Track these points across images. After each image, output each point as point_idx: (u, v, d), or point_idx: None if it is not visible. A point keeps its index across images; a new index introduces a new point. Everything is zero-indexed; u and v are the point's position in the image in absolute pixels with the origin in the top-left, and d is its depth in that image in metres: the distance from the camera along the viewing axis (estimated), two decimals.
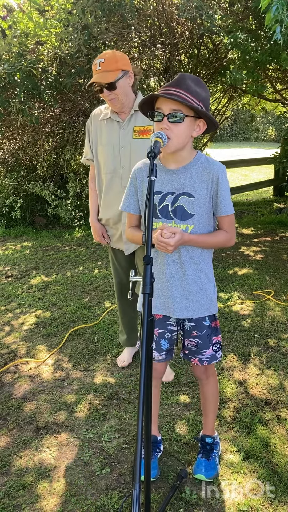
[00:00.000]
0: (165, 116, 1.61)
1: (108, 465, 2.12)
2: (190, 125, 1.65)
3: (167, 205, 1.75)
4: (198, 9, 4.21)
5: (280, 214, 7.45)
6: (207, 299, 1.85)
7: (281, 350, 3.11)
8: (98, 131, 2.55)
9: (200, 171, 1.74)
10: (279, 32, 2.50)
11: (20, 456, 2.20)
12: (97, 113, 2.58)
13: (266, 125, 25.13)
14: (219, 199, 1.74)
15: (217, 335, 1.93)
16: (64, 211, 6.71)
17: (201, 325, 1.87)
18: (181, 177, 1.74)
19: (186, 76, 1.64)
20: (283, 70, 6.24)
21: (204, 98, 1.64)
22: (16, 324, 3.66)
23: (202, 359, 1.93)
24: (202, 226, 1.76)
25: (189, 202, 1.73)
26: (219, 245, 1.85)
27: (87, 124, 2.62)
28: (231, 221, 1.80)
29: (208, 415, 2.11)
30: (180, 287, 1.80)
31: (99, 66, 2.31)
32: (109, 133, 2.50)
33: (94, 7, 4.07)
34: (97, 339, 3.33)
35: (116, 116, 2.48)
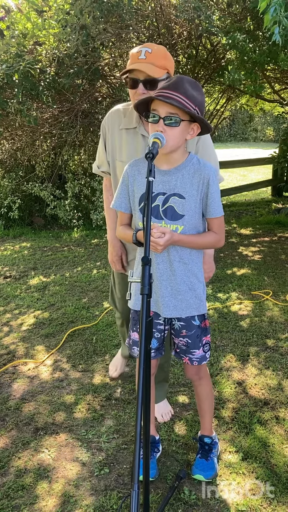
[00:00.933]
0: (161, 119, 1.62)
1: (107, 466, 2.12)
2: (185, 129, 1.67)
3: (158, 205, 1.76)
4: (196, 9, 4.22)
5: (279, 214, 7.46)
6: (196, 299, 1.86)
7: (280, 350, 3.11)
8: (117, 142, 2.08)
9: (191, 172, 1.75)
10: (278, 33, 2.50)
11: (19, 457, 2.20)
12: (117, 116, 2.08)
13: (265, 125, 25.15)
14: (209, 201, 1.76)
15: (206, 335, 1.94)
16: (62, 211, 6.72)
17: (190, 325, 1.88)
18: (173, 178, 1.75)
19: (184, 79, 1.65)
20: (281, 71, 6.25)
21: (200, 102, 1.65)
22: (14, 324, 3.65)
23: (192, 359, 1.94)
24: (192, 227, 1.77)
25: (180, 203, 1.74)
26: (208, 245, 1.87)
27: (103, 126, 2.15)
28: (221, 223, 1.82)
29: (204, 416, 2.12)
30: (169, 286, 1.82)
31: (144, 55, 1.85)
32: (132, 148, 2.04)
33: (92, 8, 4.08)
34: (95, 340, 3.33)
35: (142, 128, 2.01)
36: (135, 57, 1.87)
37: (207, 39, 6.01)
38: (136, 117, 2.01)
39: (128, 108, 2.07)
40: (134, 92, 1.90)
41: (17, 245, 6.11)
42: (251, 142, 24.57)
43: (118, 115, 2.07)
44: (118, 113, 2.08)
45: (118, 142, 2.06)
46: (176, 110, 1.60)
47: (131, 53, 1.91)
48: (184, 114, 1.62)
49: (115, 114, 2.10)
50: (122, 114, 2.07)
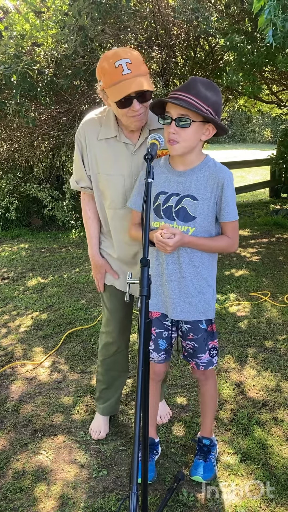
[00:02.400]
0: (172, 120, 1.63)
1: (105, 468, 2.12)
2: (198, 130, 1.66)
3: (171, 206, 1.76)
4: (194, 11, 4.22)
5: (277, 215, 7.48)
6: (204, 303, 1.85)
7: (278, 352, 3.11)
8: (97, 154, 1.91)
9: (206, 175, 1.74)
10: (271, 35, 2.50)
11: (17, 458, 2.19)
12: (92, 127, 1.90)
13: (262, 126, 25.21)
14: (223, 205, 1.74)
15: (213, 339, 1.92)
16: (60, 212, 6.71)
17: (197, 328, 1.87)
18: (187, 180, 1.75)
19: (198, 80, 1.64)
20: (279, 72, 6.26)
21: (214, 102, 1.64)
22: (12, 326, 3.65)
23: (199, 364, 1.93)
24: (204, 230, 1.76)
25: (192, 204, 1.73)
26: (220, 249, 1.84)
27: (78, 139, 1.94)
28: (235, 227, 1.80)
29: (206, 417, 2.12)
30: (177, 288, 1.81)
31: (128, 69, 1.63)
32: (115, 159, 1.89)
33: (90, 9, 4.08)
34: (93, 341, 3.33)
35: (123, 136, 1.86)
36: (118, 75, 1.63)
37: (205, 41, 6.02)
38: (115, 125, 1.86)
39: (103, 116, 1.90)
40: (126, 111, 1.71)
41: (15, 246, 6.10)
42: (249, 144, 24.61)
43: (94, 125, 1.90)
44: (93, 123, 1.90)
45: (99, 154, 1.90)
46: (187, 111, 1.61)
47: (107, 70, 1.66)
48: (195, 115, 1.62)
49: (90, 125, 1.91)
50: (98, 124, 1.89)
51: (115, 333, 2.22)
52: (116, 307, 2.18)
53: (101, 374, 2.34)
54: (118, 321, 2.20)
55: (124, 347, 2.27)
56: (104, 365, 2.30)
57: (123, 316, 2.20)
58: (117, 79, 1.65)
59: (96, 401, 2.41)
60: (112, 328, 2.21)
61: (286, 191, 9.29)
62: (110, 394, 2.35)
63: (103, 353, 2.29)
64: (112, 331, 2.22)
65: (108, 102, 1.78)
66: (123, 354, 2.29)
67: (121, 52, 1.67)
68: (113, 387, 2.34)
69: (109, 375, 2.32)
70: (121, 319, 2.20)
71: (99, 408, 2.38)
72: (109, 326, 2.22)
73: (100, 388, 2.36)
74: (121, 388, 2.39)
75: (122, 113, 1.73)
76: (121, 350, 2.26)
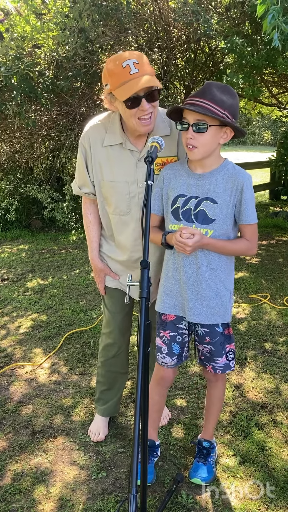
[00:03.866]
0: (190, 126, 1.64)
1: (104, 469, 2.12)
2: (215, 134, 1.67)
3: (190, 209, 1.76)
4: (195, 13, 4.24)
5: (276, 217, 7.48)
6: (222, 306, 1.83)
7: (277, 354, 3.11)
8: (102, 161, 1.89)
9: (225, 178, 1.75)
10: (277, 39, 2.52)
11: (16, 460, 2.19)
12: (97, 134, 1.89)
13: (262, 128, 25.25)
14: (243, 207, 1.74)
15: (230, 343, 1.91)
16: (60, 214, 6.72)
17: (214, 331, 1.85)
18: (206, 182, 1.75)
19: (212, 84, 1.65)
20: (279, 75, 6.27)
21: (230, 105, 1.65)
22: (12, 327, 3.65)
23: (216, 367, 1.91)
24: (222, 232, 1.76)
25: (211, 207, 1.74)
26: (238, 252, 1.83)
27: (82, 145, 1.93)
28: (254, 230, 1.79)
29: (209, 418, 2.11)
30: (194, 290, 1.80)
31: (135, 68, 1.63)
32: (120, 166, 1.87)
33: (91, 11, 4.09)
34: (93, 343, 3.33)
35: (128, 143, 1.85)
36: (125, 74, 1.64)
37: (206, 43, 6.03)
38: (120, 132, 1.84)
39: (108, 122, 1.89)
40: (135, 112, 1.70)
41: (14, 248, 6.11)
42: (249, 146, 24.64)
43: (99, 132, 1.89)
44: (98, 129, 1.89)
45: (104, 161, 1.89)
46: (203, 116, 1.62)
47: (114, 71, 1.67)
48: (212, 119, 1.63)
49: (95, 131, 1.90)
50: (103, 130, 1.88)
51: (115, 335, 2.21)
52: (116, 309, 2.18)
53: (101, 375, 2.33)
54: (119, 323, 2.19)
55: (124, 349, 2.27)
56: (105, 366, 2.30)
57: (124, 318, 2.20)
58: (125, 79, 1.64)
59: (95, 403, 2.41)
60: (113, 330, 2.21)
61: (286, 193, 9.31)
62: (110, 396, 2.35)
63: (103, 354, 2.29)
64: (112, 332, 2.21)
65: (115, 106, 1.77)
66: (124, 355, 2.29)
67: (126, 54, 1.68)
68: (113, 388, 2.34)
69: (109, 377, 2.31)
70: (121, 321, 2.19)
71: (98, 409, 2.38)
72: (110, 328, 2.22)
73: (100, 389, 2.36)
74: (121, 390, 2.39)
75: (131, 113, 1.71)
76: (121, 352, 2.26)
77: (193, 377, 2.87)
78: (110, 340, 2.24)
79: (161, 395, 2.04)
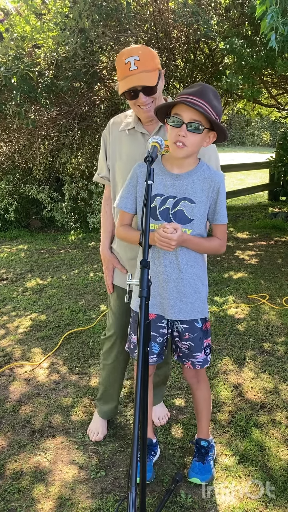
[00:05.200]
0: (184, 124, 1.63)
1: (103, 469, 2.12)
2: (204, 136, 1.70)
3: (168, 208, 1.77)
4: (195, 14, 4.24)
5: (275, 218, 7.49)
6: (201, 302, 1.88)
7: (276, 354, 3.12)
8: (117, 144, 2.06)
9: (202, 178, 1.77)
10: (274, 40, 2.52)
11: (15, 459, 2.19)
12: (117, 121, 2.09)
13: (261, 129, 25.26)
14: (217, 208, 1.79)
15: (207, 337, 1.95)
16: (59, 214, 6.72)
17: (193, 327, 1.89)
18: (184, 183, 1.77)
19: (209, 88, 1.67)
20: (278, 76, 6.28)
21: (219, 112, 1.69)
22: (11, 327, 3.65)
23: (195, 363, 1.94)
24: (199, 232, 1.80)
25: (190, 207, 1.76)
26: (211, 250, 1.88)
27: (104, 134, 2.14)
28: (225, 230, 1.88)
29: (201, 419, 2.12)
30: (175, 289, 1.83)
31: (134, 66, 1.79)
32: (131, 146, 2.02)
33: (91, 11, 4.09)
34: (92, 343, 3.33)
35: (140, 126, 2.00)
36: (126, 70, 1.82)
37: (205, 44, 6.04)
38: (134, 118, 2.01)
39: (127, 114, 2.09)
40: (134, 102, 1.89)
41: (13, 248, 6.11)
42: (248, 147, 24.65)
43: (119, 121, 2.10)
44: (119, 119, 2.11)
45: (118, 144, 2.06)
46: (201, 118, 1.63)
47: (119, 65, 1.85)
48: (206, 122, 1.65)
49: (115, 121, 2.11)
50: (121, 119, 2.09)
51: (117, 338, 2.22)
52: (121, 311, 2.18)
53: (102, 377, 2.35)
54: (123, 326, 2.19)
55: (126, 353, 2.25)
56: (106, 369, 2.31)
57: (128, 321, 2.17)
58: (125, 74, 1.83)
59: (97, 401, 2.41)
60: (114, 332, 2.21)
61: (284, 194, 9.31)
62: (112, 397, 2.35)
63: (104, 357, 2.30)
64: (115, 335, 2.22)
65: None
66: (125, 359, 2.29)
67: (133, 50, 1.84)
68: (115, 390, 2.34)
69: (110, 380, 2.32)
70: (125, 324, 2.17)
71: (99, 408, 2.38)
72: (113, 330, 2.22)
73: (102, 389, 2.37)
74: (119, 393, 2.39)
75: (131, 103, 1.92)
76: (122, 356, 2.26)
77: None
78: (112, 343, 2.24)
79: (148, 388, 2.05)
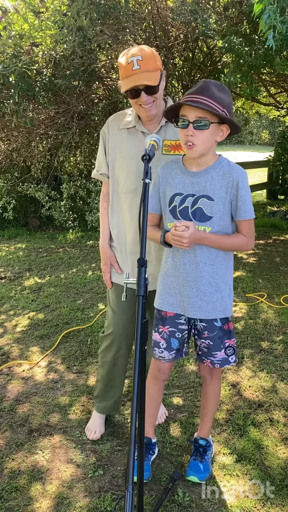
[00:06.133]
0: (190, 123, 1.64)
1: (101, 468, 2.12)
2: (214, 131, 1.69)
3: (187, 207, 1.77)
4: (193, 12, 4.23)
5: (273, 217, 7.49)
6: (222, 301, 1.84)
7: (274, 353, 3.12)
8: (117, 141, 2.08)
9: (221, 174, 1.76)
10: (272, 39, 2.52)
11: (12, 458, 2.19)
12: (116, 119, 2.12)
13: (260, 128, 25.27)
14: (239, 203, 1.75)
15: (230, 338, 1.91)
16: (58, 212, 6.71)
17: (212, 326, 1.87)
18: (202, 180, 1.76)
19: (210, 82, 1.67)
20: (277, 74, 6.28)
21: (227, 103, 1.67)
22: (9, 326, 3.64)
23: (214, 362, 1.92)
24: (220, 229, 1.77)
25: (208, 204, 1.75)
26: (235, 247, 1.84)
27: (103, 131, 2.14)
28: (251, 225, 1.81)
29: (205, 416, 2.11)
30: (194, 287, 1.81)
31: (137, 65, 1.83)
32: (132, 145, 2.04)
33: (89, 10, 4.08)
34: (90, 341, 3.33)
35: (141, 125, 2.03)
36: (128, 70, 1.84)
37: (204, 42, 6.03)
38: (135, 117, 2.03)
39: (127, 112, 2.11)
40: (136, 101, 1.91)
41: (12, 246, 6.10)
42: (247, 145, 24.66)
43: (118, 118, 2.11)
44: (118, 117, 2.12)
45: (118, 141, 2.08)
46: (205, 114, 1.62)
47: (122, 65, 1.87)
48: (213, 116, 1.64)
49: (114, 118, 2.13)
50: (122, 117, 2.10)
51: (115, 336, 2.21)
52: (120, 309, 2.17)
53: (101, 375, 2.34)
54: (122, 323, 2.18)
55: (125, 349, 2.25)
56: (104, 367, 2.30)
57: (127, 320, 2.17)
58: (128, 73, 1.85)
59: (94, 399, 2.41)
60: (113, 331, 2.20)
61: (283, 193, 9.32)
62: (109, 395, 2.35)
63: (103, 355, 2.29)
64: (112, 334, 2.21)
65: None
66: (123, 358, 2.28)
67: (136, 50, 1.87)
68: (112, 389, 2.34)
69: (108, 378, 2.31)
70: (124, 322, 2.17)
71: (96, 406, 2.38)
72: (112, 328, 2.20)
73: (99, 388, 2.36)
74: (121, 390, 2.39)
75: (133, 102, 1.94)
76: (122, 353, 2.25)
77: (190, 375, 2.87)
78: (111, 341, 2.23)
79: (157, 389, 2.04)
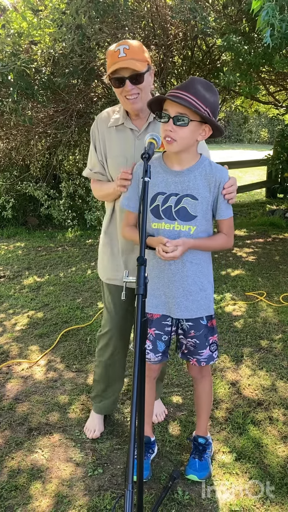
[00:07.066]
0: (171, 118, 1.63)
1: (100, 466, 2.12)
2: (195, 129, 1.67)
3: (170, 206, 1.76)
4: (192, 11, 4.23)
5: (273, 215, 7.49)
6: (206, 300, 1.87)
7: (273, 351, 3.12)
8: (106, 140, 2.05)
9: (203, 174, 1.76)
10: (269, 36, 2.51)
11: (12, 457, 2.19)
12: (104, 117, 2.08)
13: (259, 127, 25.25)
14: (219, 203, 1.77)
15: (213, 334, 1.94)
16: (57, 211, 6.70)
17: (198, 325, 1.88)
18: (185, 179, 1.76)
19: (196, 80, 1.65)
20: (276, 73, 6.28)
21: (212, 103, 1.65)
22: (8, 324, 3.64)
23: (200, 360, 1.93)
24: (204, 228, 1.79)
25: (192, 204, 1.75)
26: (219, 247, 1.87)
27: (92, 130, 2.11)
28: (231, 224, 1.84)
29: (201, 415, 2.12)
30: (180, 287, 1.82)
31: (123, 53, 1.82)
32: (121, 142, 2.01)
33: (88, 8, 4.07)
34: (89, 340, 3.33)
35: (129, 122, 2.00)
36: (115, 57, 1.84)
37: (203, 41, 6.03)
38: (123, 114, 2.00)
39: (115, 109, 2.08)
40: (121, 90, 1.88)
41: (11, 245, 6.09)
42: (246, 144, 24.65)
43: (106, 116, 2.08)
44: (106, 115, 2.09)
45: (108, 140, 2.05)
46: (185, 110, 1.61)
47: (109, 53, 1.88)
48: (194, 114, 1.62)
49: (103, 116, 2.10)
50: (110, 115, 2.08)
51: (112, 335, 2.20)
52: (115, 307, 2.17)
53: (98, 374, 2.33)
54: (118, 322, 2.17)
55: (121, 348, 2.25)
56: (101, 366, 2.29)
57: (123, 318, 2.18)
58: (114, 60, 1.84)
59: (92, 400, 2.41)
60: (110, 329, 2.20)
61: (282, 191, 9.31)
62: (107, 395, 2.34)
63: (100, 355, 2.28)
64: (109, 332, 2.20)
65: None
66: (121, 357, 2.28)
67: (123, 41, 1.87)
68: (110, 388, 2.33)
69: (106, 377, 2.31)
70: (121, 320, 2.17)
71: (95, 406, 2.38)
72: (108, 326, 2.20)
73: (97, 388, 2.36)
74: (119, 390, 2.39)
75: (117, 92, 1.90)
76: (119, 352, 2.25)
77: (189, 374, 2.87)
78: (108, 340, 2.22)
79: (149, 387, 2.05)
